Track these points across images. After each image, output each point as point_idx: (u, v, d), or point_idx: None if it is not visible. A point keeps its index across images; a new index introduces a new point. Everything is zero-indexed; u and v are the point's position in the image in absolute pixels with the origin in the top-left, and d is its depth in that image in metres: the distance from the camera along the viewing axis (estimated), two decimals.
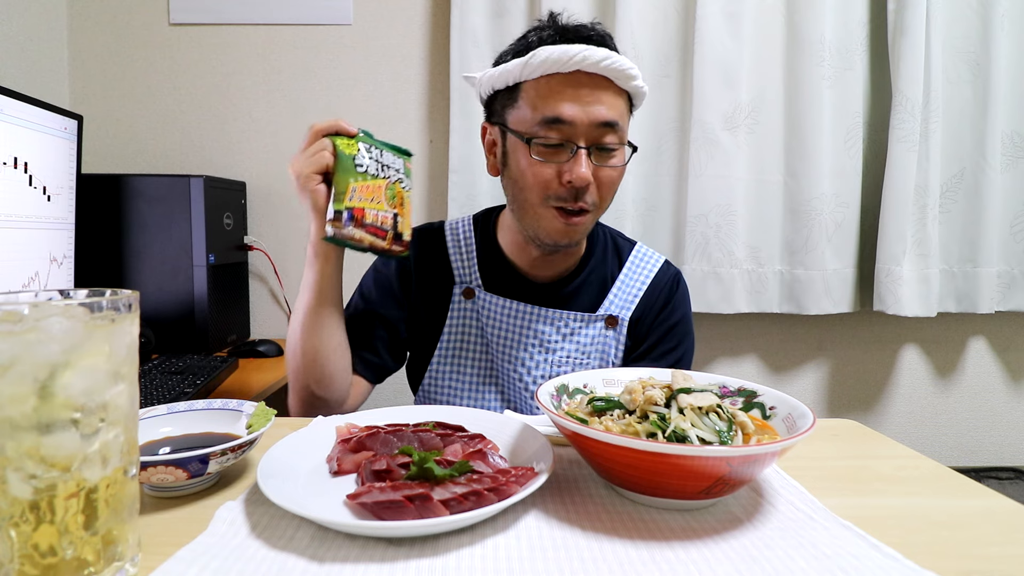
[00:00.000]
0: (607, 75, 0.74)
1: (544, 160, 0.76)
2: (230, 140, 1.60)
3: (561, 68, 0.73)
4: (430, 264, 0.93)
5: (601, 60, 0.73)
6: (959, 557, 0.42)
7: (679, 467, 0.44)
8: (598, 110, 0.74)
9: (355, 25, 1.57)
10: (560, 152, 0.76)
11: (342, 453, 0.54)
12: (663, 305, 0.91)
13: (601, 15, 1.50)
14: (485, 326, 0.90)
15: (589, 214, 0.79)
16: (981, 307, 1.55)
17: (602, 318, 0.89)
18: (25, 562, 0.33)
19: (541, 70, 0.74)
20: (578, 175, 0.74)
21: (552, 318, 0.88)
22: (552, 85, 0.75)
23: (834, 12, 1.49)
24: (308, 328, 0.78)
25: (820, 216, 1.50)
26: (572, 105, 0.74)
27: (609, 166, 0.77)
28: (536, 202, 0.79)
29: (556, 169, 0.76)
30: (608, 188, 0.79)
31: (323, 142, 0.73)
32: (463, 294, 0.91)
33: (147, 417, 0.57)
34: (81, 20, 1.55)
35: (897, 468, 0.59)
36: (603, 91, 0.75)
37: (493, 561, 0.40)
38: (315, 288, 0.77)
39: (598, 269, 0.91)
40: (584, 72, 0.74)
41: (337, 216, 0.71)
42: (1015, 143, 1.54)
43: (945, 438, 1.70)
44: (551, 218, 0.79)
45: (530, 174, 0.78)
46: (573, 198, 0.77)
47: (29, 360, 0.33)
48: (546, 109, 0.75)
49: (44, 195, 1.08)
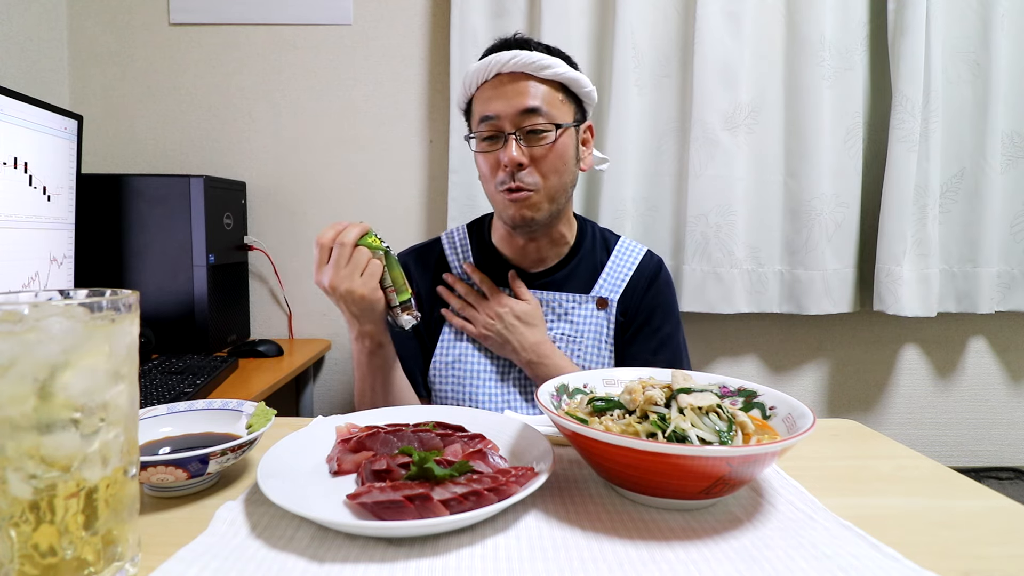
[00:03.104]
0: (521, 70, 0.86)
1: (485, 151, 0.90)
2: (230, 140, 1.60)
3: (486, 75, 0.88)
4: (432, 273, 1.01)
5: (509, 60, 0.86)
6: (959, 557, 0.42)
7: (679, 467, 0.44)
8: (518, 101, 0.86)
9: (355, 25, 1.57)
10: (496, 142, 0.88)
11: (342, 453, 0.54)
12: (647, 287, 1.00)
13: (601, 15, 1.51)
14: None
15: (533, 193, 0.88)
16: (981, 307, 1.55)
17: (593, 299, 0.97)
18: (25, 562, 0.33)
19: (474, 82, 0.90)
20: (509, 157, 0.85)
21: (547, 300, 0.97)
22: (484, 91, 0.89)
23: (834, 12, 1.49)
24: (385, 397, 0.88)
25: (820, 216, 1.50)
26: (497, 102, 0.87)
27: (539, 145, 0.87)
28: (492, 192, 0.91)
29: (495, 157, 0.88)
30: (545, 164, 0.88)
31: (362, 251, 0.76)
32: None
33: (147, 417, 0.57)
34: (81, 20, 1.55)
35: (897, 468, 0.59)
36: (522, 84, 0.87)
37: (493, 561, 0.40)
38: (384, 366, 0.86)
39: (587, 258, 1.00)
40: (503, 73, 0.87)
41: (409, 304, 0.78)
42: (1015, 143, 1.54)
43: (945, 438, 1.70)
44: (503, 201, 0.90)
45: (481, 167, 0.92)
46: (511, 178, 0.87)
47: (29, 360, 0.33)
48: (481, 110, 0.89)
49: (44, 195, 1.08)
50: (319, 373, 1.65)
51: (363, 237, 0.75)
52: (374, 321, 0.80)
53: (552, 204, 0.90)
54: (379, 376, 0.86)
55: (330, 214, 1.61)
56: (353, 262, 0.74)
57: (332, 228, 0.75)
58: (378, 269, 0.76)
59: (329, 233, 0.75)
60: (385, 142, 1.60)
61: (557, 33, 1.45)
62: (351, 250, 0.74)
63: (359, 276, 0.74)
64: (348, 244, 0.74)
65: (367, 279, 0.75)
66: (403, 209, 1.62)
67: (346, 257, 0.74)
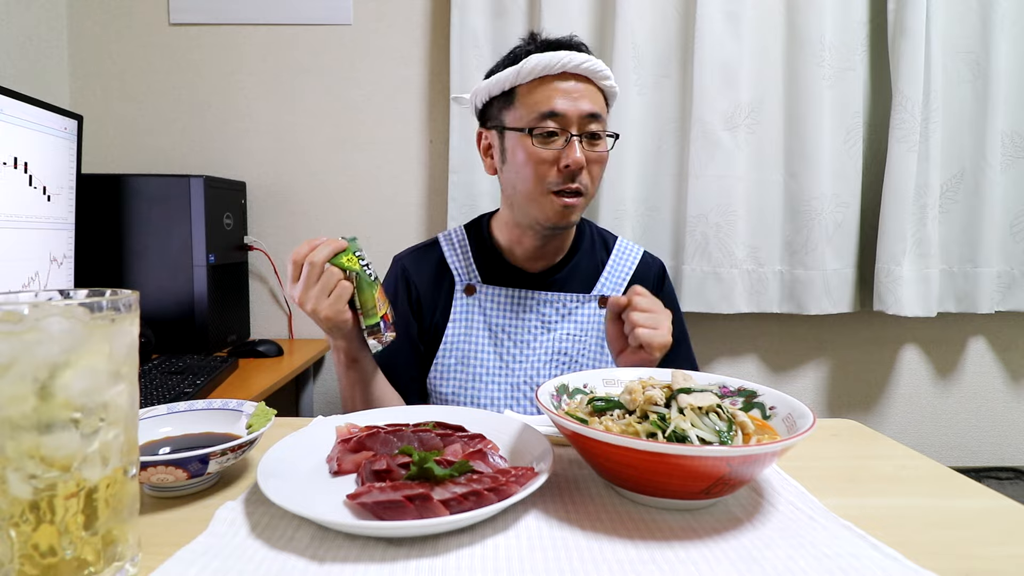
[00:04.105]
0: (587, 75, 0.87)
1: (544, 148, 0.86)
2: (230, 140, 1.60)
3: (550, 71, 0.86)
4: (431, 274, 1.00)
5: (583, 62, 0.86)
6: (959, 557, 0.42)
7: (679, 467, 0.44)
8: (584, 103, 0.86)
9: (355, 25, 1.57)
10: (555, 140, 0.86)
11: (342, 453, 0.54)
12: (657, 287, 1.01)
13: (601, 15, 1.51)
14: (489, 316, 0.97)
15: (582, 197, 0.88)
16: (981, 307, 1.55)
17: (595, 298, 0.98)
18: (25, 562, 0.33)
19: (533, 74, 0.86)
20: (574, 158, 0.84)
21: (551, 300, 0.97)
22: (544, 85, 0.86)
23: (834, 12, 1.49)
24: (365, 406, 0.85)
25: (820, 216, 1.50)
26: (563, 100, 0.85)
27: (597, 151, 0.89)
28: (536, 190, 0.88)
29: (554, 156, 0.86)
30: (597, 170, 0.90)
31: (332, 272, 0.73)
32: (464, 291, 0.97)
33: (147, 417, 0.57)
34: (81, 20, 1.55)
35: (897, 468, 0.59)
36: (588, 88, 0.87)
37: (493, 561, 0.40)
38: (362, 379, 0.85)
39: (587, 257, 1.01)
40: (569, 73, 0.86)
41: (376, 329, 0.76)
42: (1015, 143, 1.54)
43: (945, 438, 1.70)
44: (550, 202, 0.87)
45: (531, 163, 0.87)
46: (570, 180, 0.86)
47: (29, 360, 0.33)
48: (542, 105, 0.86)
49: (44, 195, 1.08)
50: (319, 373, 1.65)
51: (339, 255, 0.73)
52: (346, 339, 0.79)
53: (585, 209, 0.92)
54: (358, 388, 0.85)
55: (330, 214, 1.61)
56: (321, 282, 0.72)
57: (307, 244, 0.73)
58: (346, 291, 0.73)
59: (303, 249, 0.73)
60: (385, 142, 1.60)
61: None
62: (320, 270, 0.72)
63: (326, 297, 0.73)
64: (317, 264, 0.72)
65: (334, 300, 0.73)
66: (403, 209, 1.62)
67: (315, 277, 0.72)
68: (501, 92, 0.90)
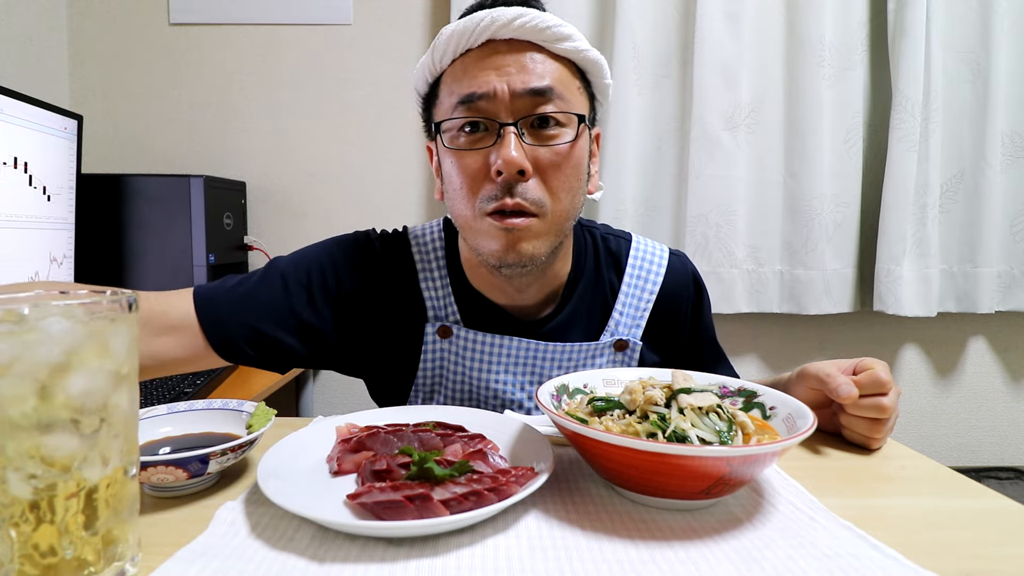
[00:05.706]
0: (528, 38, 0.60)
1: (465, 149, 0.61)
2: (230, 140, 1.60)
3: (471, 42, 0.61)
4: (396, 289, 0.74)
5: (514, 19, 0.59)
6: (959, 557, 0.42)
7: (679, 467, 0.43)
8: (521, 77, 0.59)
9: (355, 25, 1.57)
10: (484, 138, 0.61)
11: (342, 453, 0.54)
12: (691, 319, 0.78)
13: (601, 15, 1.51)
14: (470, 369, 0.72)
15: (536, 218, 0.61)
16: (981, 307, 1.55)
17: (609, 344, 0.73)
18: (25, 562, 0.33)
19: (451, 51, 0.62)
20: (504, 157, 0.58)
21: (551, 354, 0.71)
22: (465, 64, 0.62)
23: (834, 12, 1.49)
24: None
25: (820, 216, 1.50)
26: (486, 75, 0.60)
27: (550, 145, 0.61)
28: (469, 213, 0.63)
29: (483, 161, 0.61)
30: (557, 174, 0.61)
31: None
32: (438, 332, 0.72)
33: (147, 417, 0.57)
34: (81, 20, 1.55)
35: (897, 468, 0.59)
36: (527, 56, 0.61)
37: (493, 561, 0.40)
38: None
39: (593, 287, 0.75)
40: (500, 40, 0.61)
41: None
42: (1015, 143, 1.54)
43: (945, 438, 1.70)
44: (487, 229, 0.61)
45: (457, 175, 0.62)
46: (505, 192, 0.60)
47: (29, 360, 0.33)
48: (457, 89, 0.62)
49: (44, 195, 1.08)
50: (319, 373, 1.65)
51: None
52: None
53: (556, 237, 0.64)
54: None
55: (330, 213, 1.61)
56: None
57: None
58: None
59: None
60: (384, 142, 1.60)
61: None
62: None
63: None
64: None
65: None
66: (402, 209, 1.62)
67: None
68: (427, 88, 0.69)
